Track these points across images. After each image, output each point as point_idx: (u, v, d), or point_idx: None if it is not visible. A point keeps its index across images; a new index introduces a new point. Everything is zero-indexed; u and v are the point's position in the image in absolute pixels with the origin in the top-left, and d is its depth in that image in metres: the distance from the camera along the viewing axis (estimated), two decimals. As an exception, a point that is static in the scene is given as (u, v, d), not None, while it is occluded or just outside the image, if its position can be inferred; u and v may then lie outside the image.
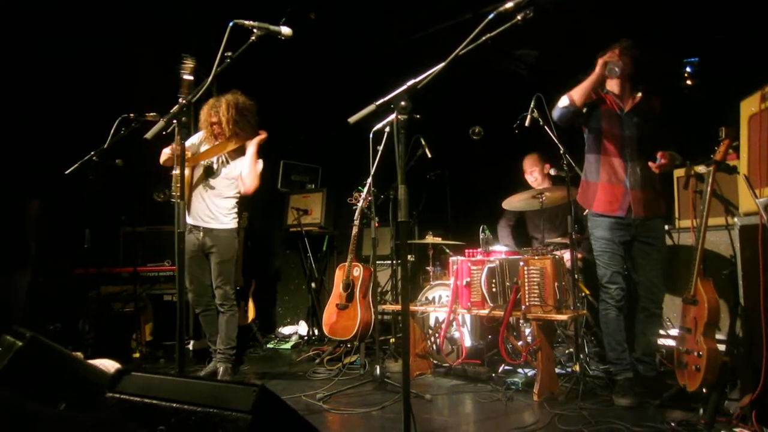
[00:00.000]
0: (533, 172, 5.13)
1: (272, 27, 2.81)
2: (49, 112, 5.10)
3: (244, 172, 4.38)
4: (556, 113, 3.66)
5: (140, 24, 5.62)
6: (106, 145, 3.98)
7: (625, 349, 3.60)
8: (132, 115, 3.98)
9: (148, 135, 3.15)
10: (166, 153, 4.20)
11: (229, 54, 2.80)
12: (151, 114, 4.00)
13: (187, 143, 4.27)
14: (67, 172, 3.98)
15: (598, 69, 3.58)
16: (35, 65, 5.04)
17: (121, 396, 0.60)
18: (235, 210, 4.49)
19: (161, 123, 3.08)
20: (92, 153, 4.00)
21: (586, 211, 3.88)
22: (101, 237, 4.59)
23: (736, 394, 3.04)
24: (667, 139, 3.64)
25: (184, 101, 2.96)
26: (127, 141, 4.04)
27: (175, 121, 2.90)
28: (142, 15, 5.60)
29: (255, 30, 2.78)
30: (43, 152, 4.71)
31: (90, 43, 5.33)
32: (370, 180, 4.47)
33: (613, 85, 3.72)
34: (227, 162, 4.44)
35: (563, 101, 3.61)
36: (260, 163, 4.46)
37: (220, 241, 4.32)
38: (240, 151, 4.46)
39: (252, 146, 4.40)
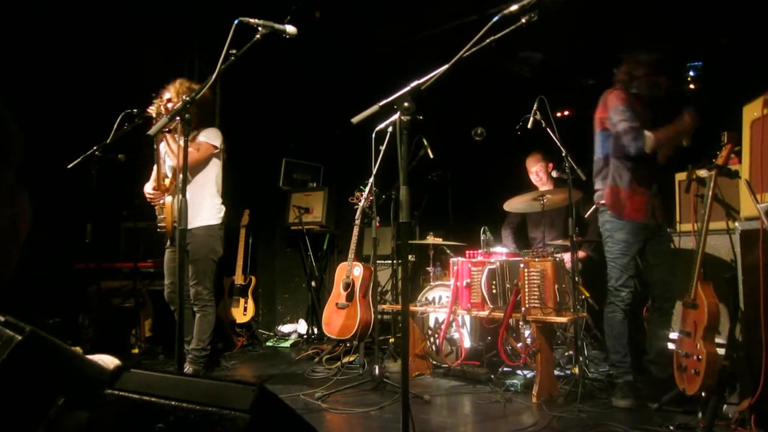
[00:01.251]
0: (538, 172, 5.12)
1: (277, 25, 2.81)
2: (53, 107, 5.10)
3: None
4: (635, 149, 3.51)
5: (145, 19, 5.63)
6: (109, 140, 3.98)
7: (627, 353, 3.60)
8: (135, 110, 3.98)
9: (151, 131, 3.16)
10: (148, 193, 4.21)
11: (234, 52, 2.80)
12: (153, 109, 4.00)
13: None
14: (69, 166, 3.98)
15: (689, 123, 3.62)
16: (39, 60, 5.04)
17: (120, 393, 0.60)
18: (213, 206, 4.34)
19: (164, 119, 3.09)
20: (95, 148, 4.00)
21: (589, 213, 3.91)
22: (102, 232, 4.59)
23: (736, 398, 3.04)
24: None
25: (187, 98, 2.96)
26: (130, 136, 4.04)
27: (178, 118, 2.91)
28: (148, 10, 5.60)
29: (260, 28, 2.79)
30: (46, 146, 4.71)
31: (94, 38, 5.34)
32: (371, 180, 4.48)
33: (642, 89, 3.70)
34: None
35: (648, 142, 3.50)
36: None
37: (194, 238, 4.18)
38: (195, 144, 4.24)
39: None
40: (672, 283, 3.66)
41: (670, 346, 3.86)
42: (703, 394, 3.00)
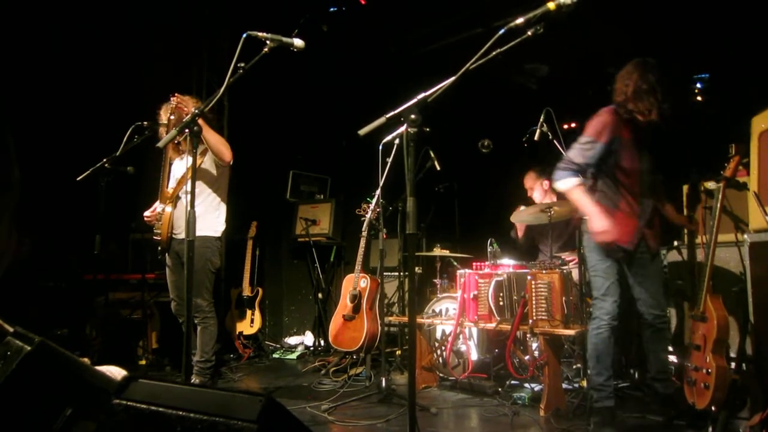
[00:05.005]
0: (532, 190, 5.12)
1: (285, 39, 2.83)
2: (63, 120, 5.15)
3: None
4: (554, 181, 3.35)
5: (155, 33, 5.69)
6: (118, 153, 4.01)
7: (611, 376, 3.28)
8: (145, 123, 4.01)
9: (160, 144, 3.19)
10: (147, 216, 4.23)
11: (242, 65, 2.82)
12: (164, 122, 4.03)
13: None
14: (78, 178, 4.01)
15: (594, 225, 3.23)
16: (50, 73, 5.10)
17: (128, 403, 0.60)
18: (213, 218, 4.31)
19: (173, 131, 3.11)
20: (104, 160, 4.03)
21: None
22: (111, 244, 4.62)
23: (746, 412, 3.01)
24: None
25: (196, 110, 2.99)
26: (139, 149, 4.08)
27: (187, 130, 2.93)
28: (157, 24, 5.67)
29: (268, 42, 2.81)
30: (56, 159, 4.76)
31: (104, 51, 5.40)
32: (378, 191, 4.48)
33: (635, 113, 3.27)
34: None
35: (562, 187, 3.30)
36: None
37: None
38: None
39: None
40: (658, 298, 3.37)
41: (672, 358, 3.84)
42: (713, 408, 2.97)
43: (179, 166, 4.35)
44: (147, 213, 4.26)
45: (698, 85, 4.80)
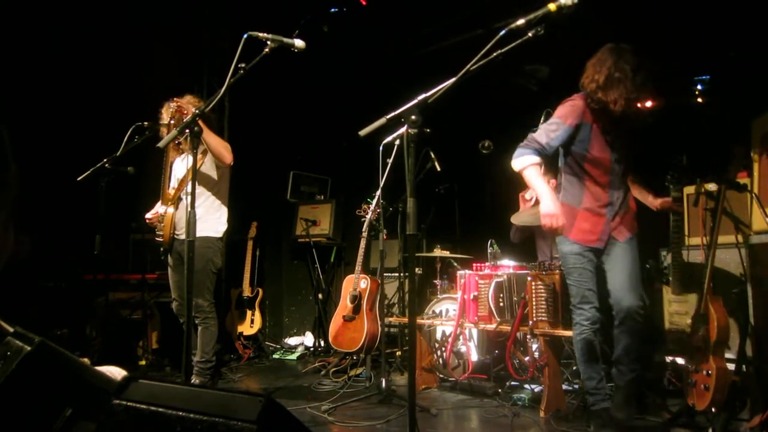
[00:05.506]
0: (524, 195, 5.11)
1: (285, 39, 2.83)
2: (63, 120, 5.15)
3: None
4: (513, 161, 3.17)
5: (155, 33, 5.70)
6: (119, 153, 4.01)
7: (602, 378, 3.23)
8: (146, 123, 4.01)
9: (161, 144, 3.19)
10: (148, 218, 4.25)
11: (243, 65, 2.83)
12: (165, 123, 4.03)
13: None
14: (79, 178, 4.01)
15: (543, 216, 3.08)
16: (51, 73, 5.10)
17: (128, 403, 0.60)
18: (214, 219, 4.31)
19: (174, 132, 3.11)
20: (104, 160, 4.03)
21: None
22: (111, 244, 4.61)
23: (746, 414, 3.01)
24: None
25: (196, 111, 2.99)
26: (139, 149, 4.07)
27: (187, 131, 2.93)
28: (158, 24, 5.67)
29: (268, 42, 2.81)
30: (56, 159, 4.76)
31: (105, 52, 5.40)
32: (379, 192, 4.48)
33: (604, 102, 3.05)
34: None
35: (518, 166, 3.13)
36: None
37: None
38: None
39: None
40: (629, 293, 3.11)
41: (668, 360, 3.81)
42: (713, 409, 2.97)
43: (180, 165, 4.35)
44: (148, 215, 4.27)
45: (699, 87, 4.80)
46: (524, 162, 3.10)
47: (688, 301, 3.28)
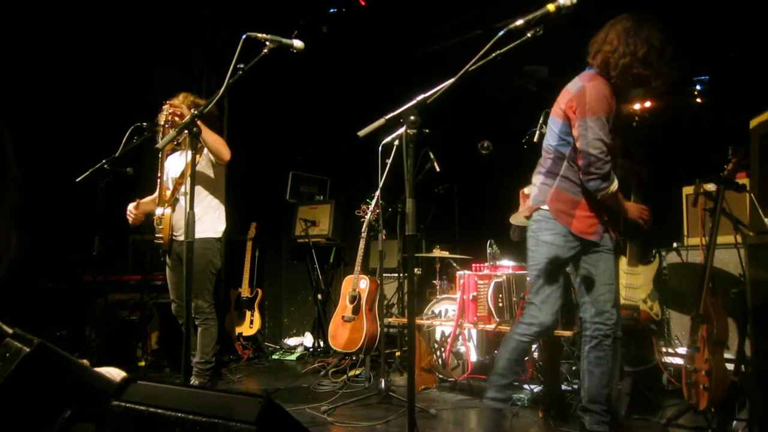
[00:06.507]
0: (524, 191, 5.11)
1: (284, 40, 2.84)
2: (62, 121, 5.15)
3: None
4: (594, 186, 2.80)
5: (155, 34, 5.69)
6: (117, 154, 4.01)
7: (512, 382, 3.04)
8: (145, 124, 4.01)
9: (160, 144, 3.19)
10: (130, 212, 4.28)
11: (242, 66, 2.83)
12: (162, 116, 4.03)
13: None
14: (78, 179, 4.01)
15: (635, 214, 2.96)
16: (49, 74, 5.10)
17: (127, 404, 0.60)
18: (213, 219, 4.31)
19: (172, 133, 3.11)
20: (104, 161, 4.03)
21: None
22: (110, 245, 4.61)
23: (745, 413, 3.01)
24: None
25: (195, 112, 2.99)
26: (139, 149, 4.07)
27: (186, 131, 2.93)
28: (157, 25, 5.67)
29: (267, 43, 2.81)
30: (55, 160, 4.76)
31: (104, 52, 5.40)
32: (378, 193, 4.48)
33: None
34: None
35: (611, 190, 2.82)
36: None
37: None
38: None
39: None
40: (607, 304, 2.92)
41: (666, 360, 3.82)
42: (712, 409, 2.97)
43: (173, 163, 4.35)
44: (128, 210, 4.26)
45: (698, 87, 4.80)
46: (616, 182, 2.82)
47: (639, 274, 3.16)
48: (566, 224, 2.92)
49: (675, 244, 4.12)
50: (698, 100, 4.81)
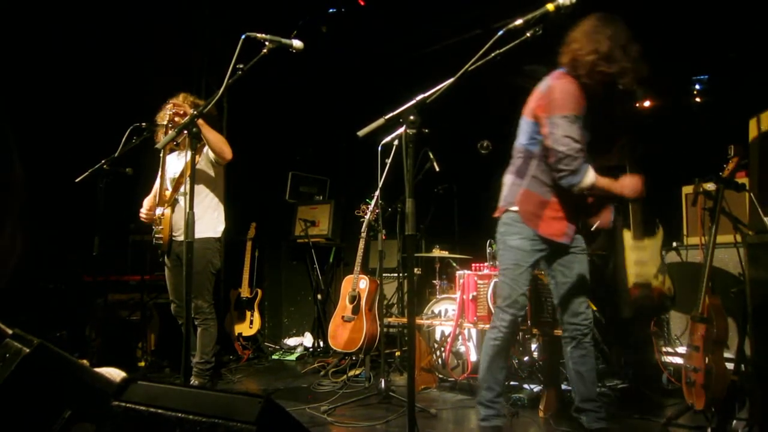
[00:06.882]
0: None
1: (284, 40, 2.84)
2: (62, 121, 5.15)
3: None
4: (567, 182, 2.80)
5: (154, 34, 5.69)
6: (117, 154, 4.01)
7: (501, 393, 3.01)
8: (144, 124, 4.01)
9: (159, 145, 3.19)
10: (143, 214, 4.27)
11: (241, 66, 2.83)
12: (161, 124, 4.03)
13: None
14: (77, 179, 4.01)
15: (626, 190, 2.84)
16: (49, 74, 5.10)
17: (127, 405, 0.60)
18: (212, 219, 4.30)
19: (171, 133, 3.11)
20: (103, 161, 4.03)
21: (595, 226, 3.24)
22: (110, 245, 4.61)
23: (745, 413, 3.01)
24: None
25: (195, 112, 2.99)
26: (138, 149, 4.07)
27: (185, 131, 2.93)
28: (156, 26, 5.67)
29: (267, 43, 2.81)
30: (55, 160, 4.75)
31: (103, 53, 5.40)
32: (377, 193, 4.48)
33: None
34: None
35: (586, 182, 2.77)
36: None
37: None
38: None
39: None
40: (581, 306, 2.95)
41: (666, 360, 3.82)
42: (712, 409, 2.97)
43: (173, 163, 4.34)
44: (143, 212, 4.27)
45: (697, 86, 4.80)
46: (591, 175, 2.75)
47: (646, 248, 3.10)
48: (534, 227, 2.92)
49: (675, 244, 4.12)
50: (698, 99, 4.81)
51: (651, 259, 2.84)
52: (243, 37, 2.77)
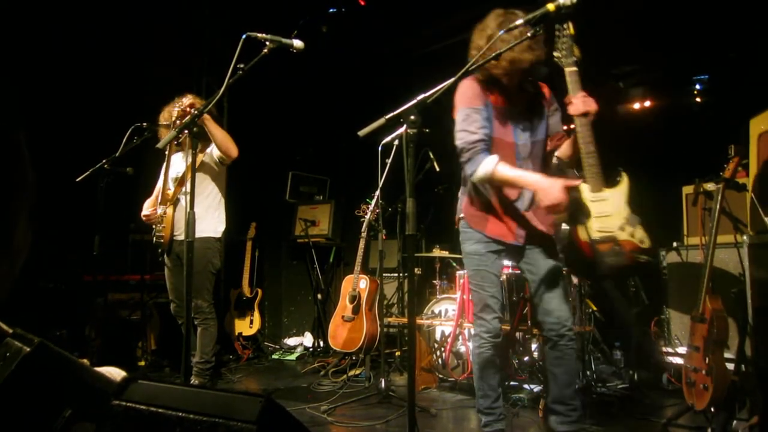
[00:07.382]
0: None
1: (284, 40, 2.83)
2: (63, 121, 5.15)
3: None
4: (469, 172, 2.78)
5: (154, 35, 5.69)
6: (118, 154, 4.01)
7: (499, 396, 2.95)
8: (145, 124, 4.01)
9: (160, 144, 3.19)
10: (145, 215, 4.26)
11: (242, 66, 2.82)
12: (164, 123, 4.03)
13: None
14: (78, 179, 4.01)
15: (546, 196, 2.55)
16: (50, 73, 5.09)
17: (128, 404, 0.60)
18: (213, 218, 4.30)
19: (172, 132, 3.11)
20: (104, 161, 4.03)
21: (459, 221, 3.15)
22: (110, 244, 4.60)
23: (745, 413, 3.01)
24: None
25: (195, 112, 2.99)
26: (139, 149, 4.07)
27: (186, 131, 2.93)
28: (157, 26, 5.67)
29: (267, 42, 2.81)
30: (56, 159, 4.75)
31: (104, 53, 5.40)
32: (378, 192, 4.49)
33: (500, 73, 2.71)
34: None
35: (482, 171, 2.69)
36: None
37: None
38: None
39: None
40: (556, 306, 2.83)
41: (667, 360, 3.82)
42: (712, 409, 2.97)
43: (177, 162, 4.34)
44: (145, 211, 4.27)
45: (697, 86, 4.80)
46: (488, 165, 2.66)
47: (607, 199, 3.02)
48: (481, 228, 2.92)
49: (675, 244, 4.13)
50: (698, 99, 4.81)
51: (614, 212, 2.70)
52: (243, 37, 2.77)
